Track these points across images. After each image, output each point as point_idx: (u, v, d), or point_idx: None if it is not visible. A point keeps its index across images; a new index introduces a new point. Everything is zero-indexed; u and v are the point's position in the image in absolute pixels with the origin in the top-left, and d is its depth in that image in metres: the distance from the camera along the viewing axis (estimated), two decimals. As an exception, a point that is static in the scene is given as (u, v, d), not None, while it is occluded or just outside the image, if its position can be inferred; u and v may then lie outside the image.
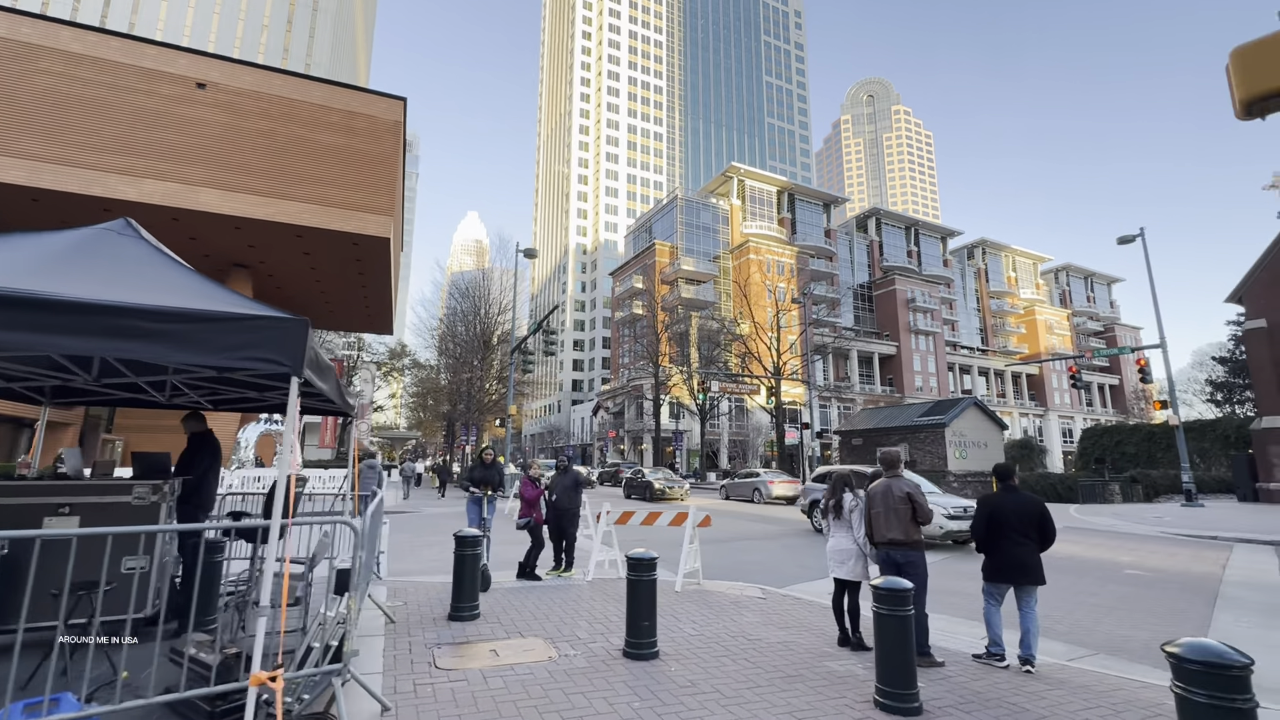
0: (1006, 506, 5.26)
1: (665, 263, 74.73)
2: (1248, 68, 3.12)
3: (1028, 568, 5.18)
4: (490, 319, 39.13)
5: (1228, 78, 3.41)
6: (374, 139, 14.64)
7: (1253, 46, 3.18)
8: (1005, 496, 5.35)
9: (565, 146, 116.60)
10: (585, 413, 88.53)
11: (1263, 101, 3.12)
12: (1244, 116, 3.26)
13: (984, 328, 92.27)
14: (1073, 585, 9.15)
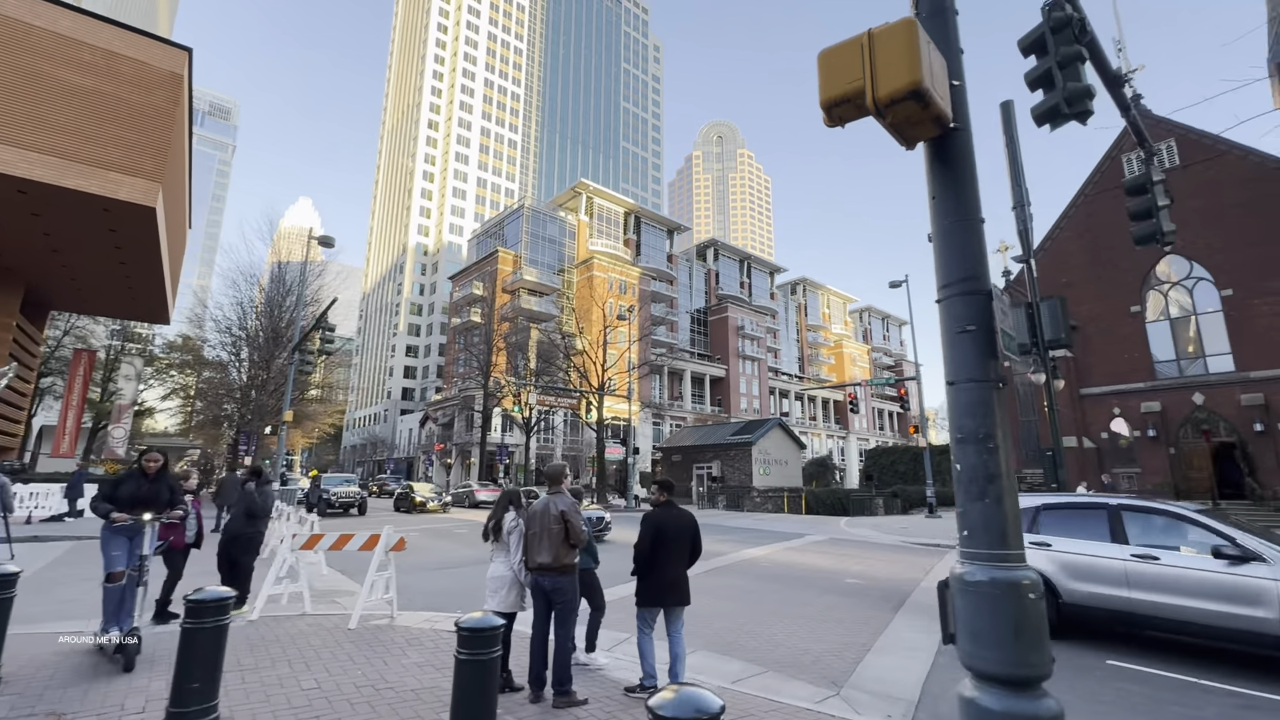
0: (669, 523, 5.01)
1: (508, 271, 72.76)
2: (829, 70, 2.98)
3: (681, 588, 4.96)
4: (285, 312, 34.46)
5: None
6: (142, 89, 11.85)
7: (835, 50, 3.06)
8: (667, 512, 5.10)
9: (411, 140, 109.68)
10: (415, 424, 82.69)
11: (839, 106, 2.99)
12: (829, 123, 3.14)
13: (801, 357, 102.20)
14: (794, 596, 9.53)
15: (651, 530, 4.96)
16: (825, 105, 3.01)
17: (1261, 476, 21.78)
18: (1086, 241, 27.06)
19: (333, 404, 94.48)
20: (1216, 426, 23.15)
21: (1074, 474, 24.73)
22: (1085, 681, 5.81)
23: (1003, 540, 2.62)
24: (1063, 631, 7.21)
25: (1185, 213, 24.65)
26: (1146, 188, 7.87)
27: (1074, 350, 26.64)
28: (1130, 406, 25.04)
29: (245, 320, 37.71)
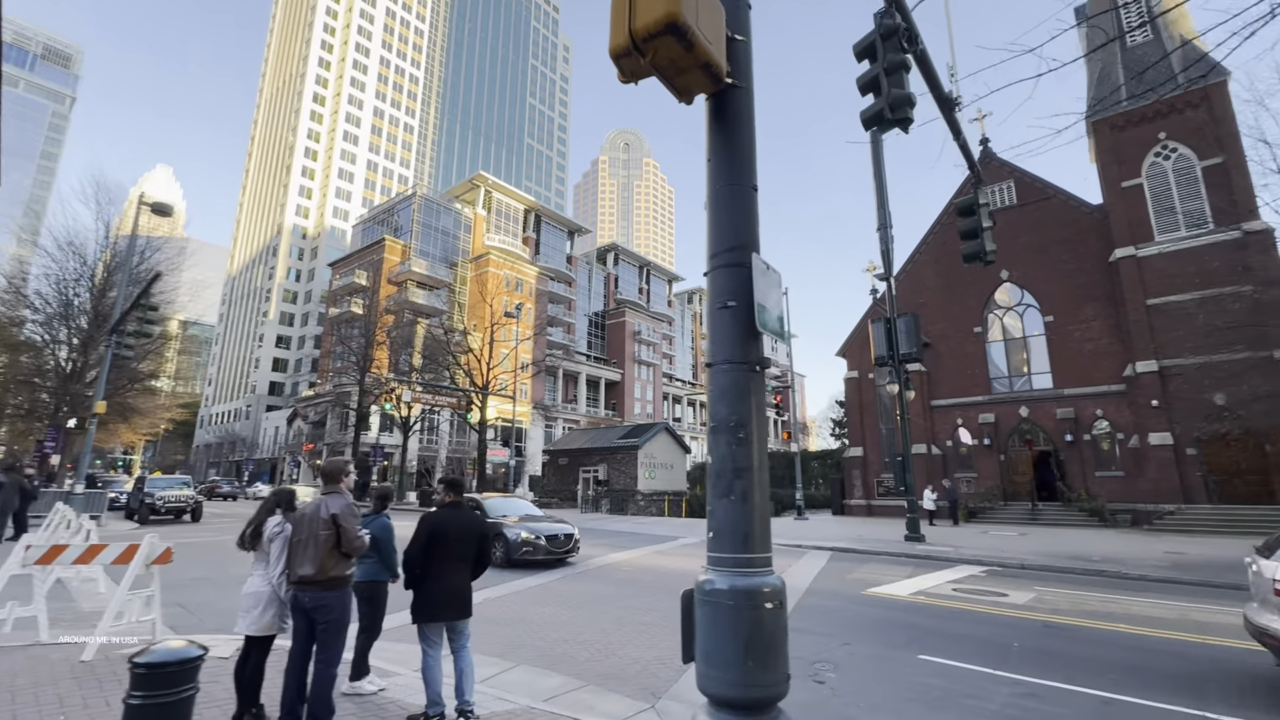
0: (451, 526, 4.47)
1: (395, 262, 68.62)
2: (614, 18, 2.55)
3: (462, 599, 4.44)
4: (103, 288, 29.81)
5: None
6: None
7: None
8: (451, 514, 4.56)
9: (293, 113, 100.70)
10: (282, 421, 75.62)
11: (624, 57, 2.56)
12: (621, 78, 2.74)
13: (695, 364, 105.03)
14: (646, 601, 9.29)
15: (427, 534, 4.39)
16: (614, 56, 2.64)
17: (1069, 481, 24.91)
18: (940, 267, 29.78)
19: (176, 396, 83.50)
20: (1037, 436, 26.23)
21: (924, 478, 26.97)
22: (893, 676, 5.94)
23: (746, 543, 2.37)
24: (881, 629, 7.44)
25: (1019, 247, 27.84)
26: (974, 209, 8.45)
27: (926, 365, 29.14)
28: (970, 417, 27.79)
29: (67, 295, 32.25)
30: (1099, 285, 25.48)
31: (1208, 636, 7.54)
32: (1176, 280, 22.72)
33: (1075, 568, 13.55)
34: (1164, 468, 22.15)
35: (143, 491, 23.24)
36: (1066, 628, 8.01)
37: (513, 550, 12.22)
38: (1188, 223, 23.18)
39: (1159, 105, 24.10)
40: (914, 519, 18.37)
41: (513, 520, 13.18)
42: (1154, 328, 23.03)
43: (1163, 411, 22.34)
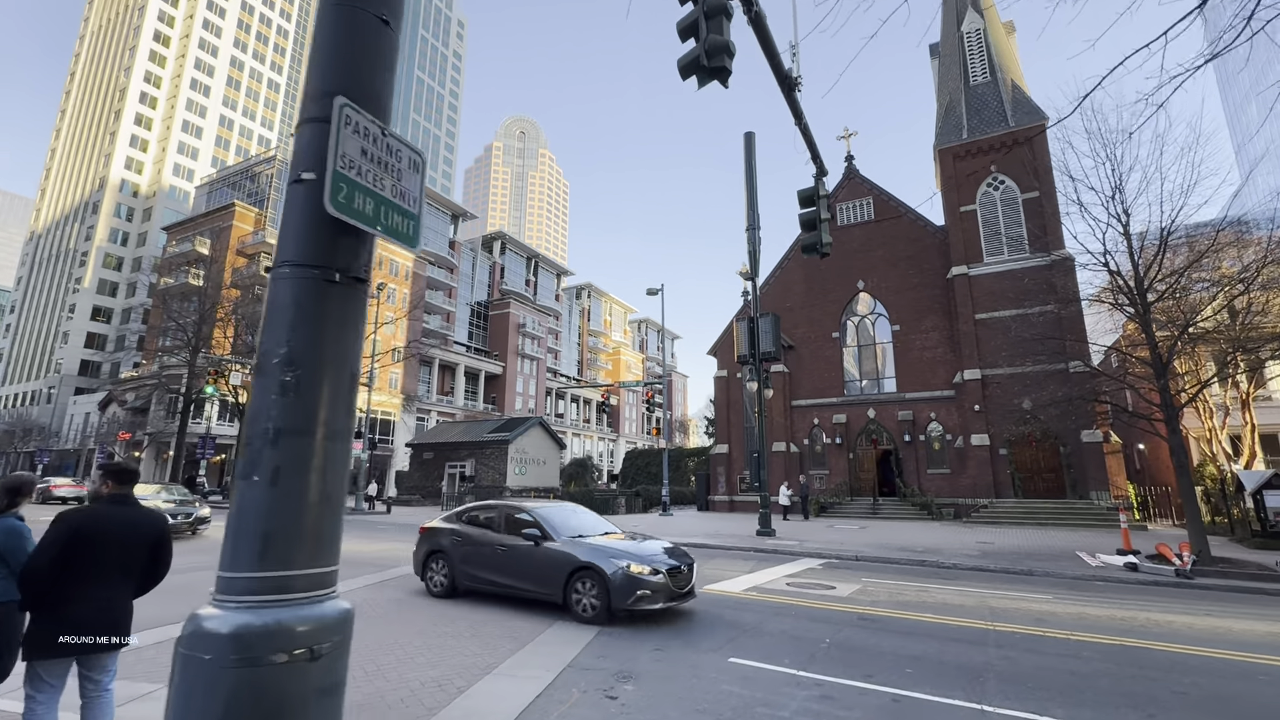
0: (109, 527, 3.29)
1: (247, 231, 61.36)
2: None
3: (120, 622, 3.28)
4: None
5: None
6: None
7: None
8: (109, 511, 3.37)
9: (128, 50, 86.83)
10: (94, 406, 65.06)
11: None
12: None
13: (581, 360, 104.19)
14: (460, 610, 8.27)
15: (65, 536, 3.17)
16: None
17: (906, 477, 27.12)
18: (806, 273, 31.33)
19: (8, 379, 68.37)
20: (882, 436, 28.33)
21: (782, 475, 28.15)
22: (694, 685, 5.48)
23: (265, 552, 1.44)
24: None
25: (875, 260, 29.93)
26: (814, 200, 8.36)
27: (789, 366, 30.50)
28: (826, 417, 29.46)
29: None
30: (938, 299, 27.98)
31: (999, 623, 7.95)
32: (999, 298, 25.44)
33: (902, 559, 14.38)
34: (981, 466, 24.70)
35: None
36: (879, 619, 8.13)
37: (616, 595, 7.43)
38: (1010, 247, 26.05)
39: (992, 141, 26.91)
40: (766, 514, 18.82)
41: (598, 541, 8.39)
42: (980, 340, 25.63)
43: (983, 415, 24.90)
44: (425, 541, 9.57)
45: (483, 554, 8.72)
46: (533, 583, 8.20)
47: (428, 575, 9.30)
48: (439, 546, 9.25)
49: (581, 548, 8.01)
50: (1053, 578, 12.41)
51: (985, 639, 7.21)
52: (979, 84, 28.21)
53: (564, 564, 7.92)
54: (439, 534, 9.42)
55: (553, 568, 8.00)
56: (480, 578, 8.69)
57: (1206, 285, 17.90)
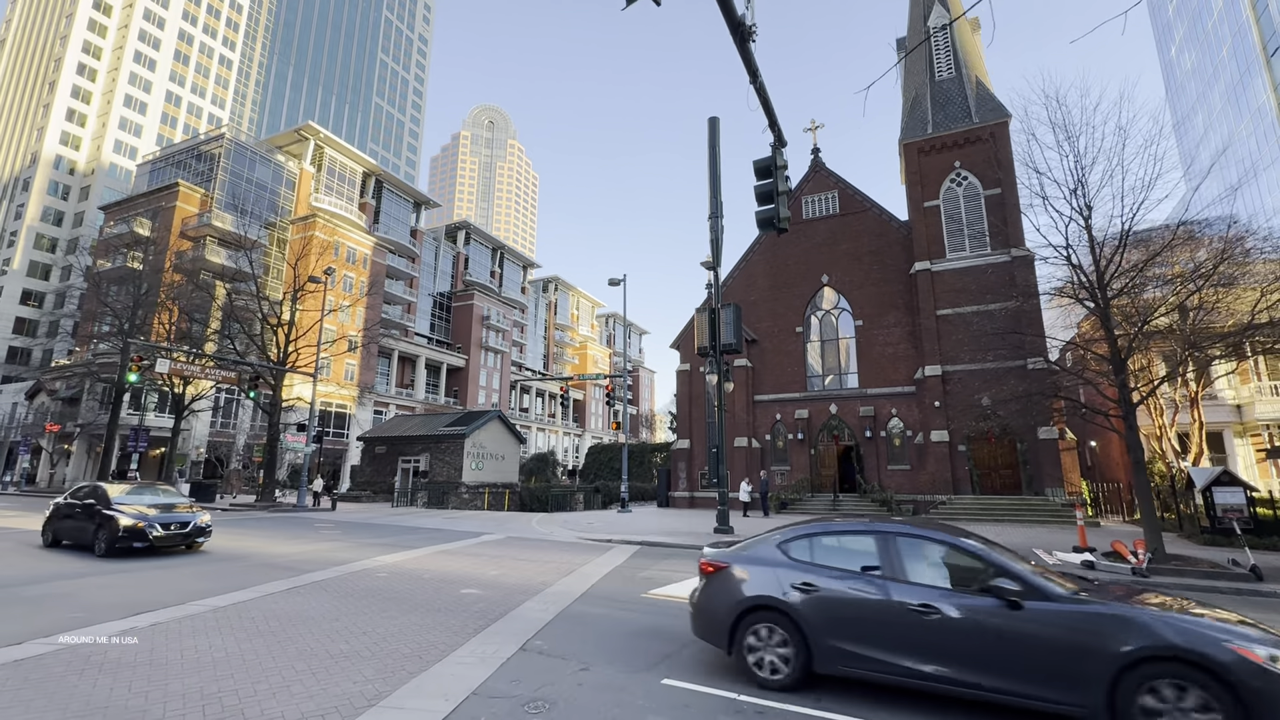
0: None
1: (192, 212, 58.30)
2: None
3: None
4: None
5: None
6: None
7: None
8: None
9: (65, 17, 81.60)
10: (21, 396, 61.01)
11: None
12: None
13: (547, 354, 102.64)
14: (363, 623, 7.33)
15: None
16: None
17: (867, 474, 26.96)
18: (771, 266, 30.91)
19: None
20: (843, 432, 28.12)
21: (744, 470, 27.70)
22: (616, 715, 4.70)
23: None
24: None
25: (839, 254, 29.68)
26: (771, 171, 7.66)
27: (753, 361, 30.07)
28: (788, 413, 29.11)
29: None
30: (901, 295, 27.87)
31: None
32: (961, 294, 25.41)
33: (859, 557, 13.90)
34: (940, 462, 24.65)
35: None
36: (832, 627, 7.49)
37: None
38: (972, 244, 26.06)
39: (956, 136, 26.85)
40: (724, 511, 18.24)
41: None
42: (941, 335, 25.57)
43: (942, 411, 24.85)
44: (730, 590, 5.76)
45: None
46: None
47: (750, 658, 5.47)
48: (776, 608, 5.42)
49: None
50: (1011, 577, 12.07)
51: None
52: (944, 79, 28.14)
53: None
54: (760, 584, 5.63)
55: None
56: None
57: (1159, 283, 17.98)
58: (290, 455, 48.32)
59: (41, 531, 13.80)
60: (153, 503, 13.28)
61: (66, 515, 13.24)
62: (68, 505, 13.38)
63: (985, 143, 26.25)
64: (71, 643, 6.15)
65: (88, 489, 13.50)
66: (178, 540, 12.61)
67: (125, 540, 11.91)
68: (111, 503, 12.54)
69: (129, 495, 13.24)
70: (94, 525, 12.33)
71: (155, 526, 12.22)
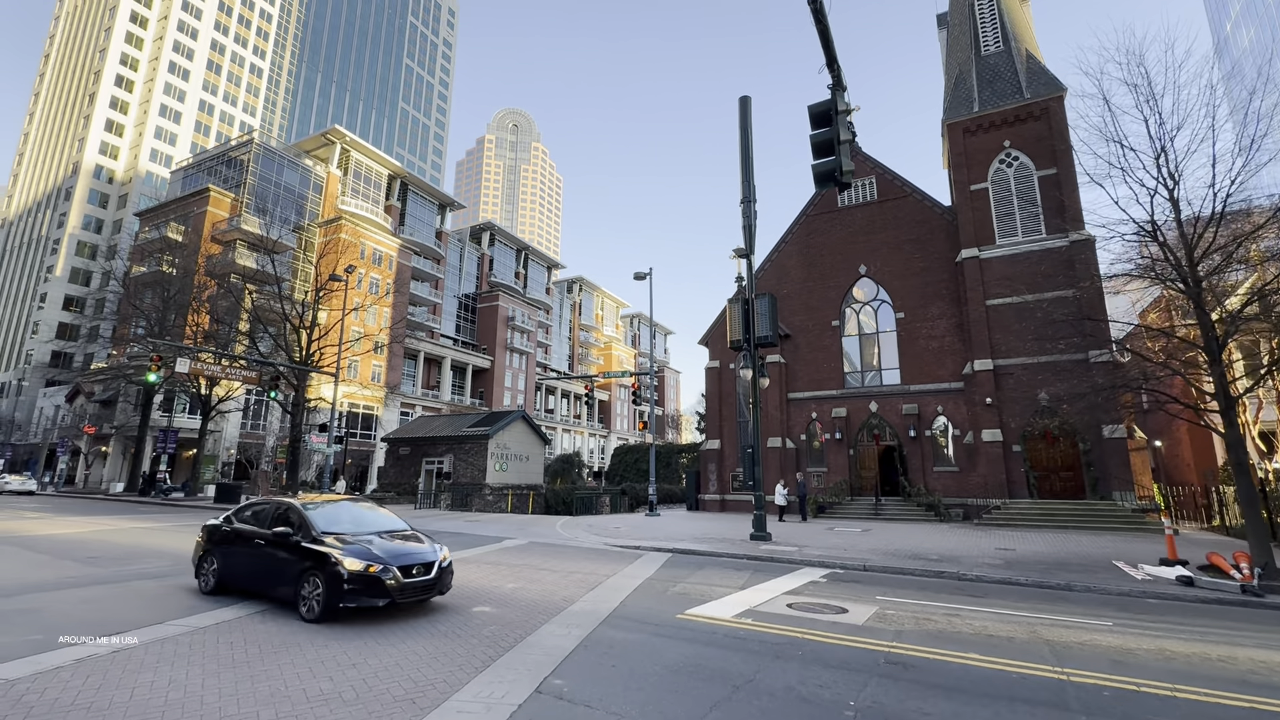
0: None
1: (222, 217, 58.97)
2: None
3: None
4: None
5: None
6: None
7: None
8: None
9: (104, 31, 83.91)
10: (63, 399, 62.58)
11: None
12: None
13: (572, 355, 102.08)
14: (353, 646, 6.29)
15: None
16: None
17: (911, 476, 25.27)
18: (804, 258, 29.42)
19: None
20: (884, 432, 26.46)
21: (778, 472, 26.25)
22: None
23: None
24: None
25: (877, 243, 28.05)
26: (830, 117, 6.42)
27: (786, 357, 28.61)
28: (824, 411, 27.57)
29: None
30: (946, 285, 26.13)
31: (1070, 669, 6.04)
32: (1013, 283, 23.60)
33: (915, 568, 12.53)
34: (993, 463, 22.88)
35: None
36: (913, 663, 6.20)
37: None
38: (1025, 228, 24.22)
39: (1005, 114, 25.03)
40: (761, 516, 16.92)
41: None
42: (992, 327, 23.79)
43: (995, 409, 23.07)
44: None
45: None
46: None
47: None
48: None
49: None
50: (1097, 594, 10.56)
51: (1064, 696, 5.30)
52: (991, 54, 26.31)
53: None
54: None
55: None
56: None
57: (1245, 266, 16.10)
58: (317, 457, 48.41)
59: (195, 566, 9.35)
60: (369, 530, 8.53)
61: (238, 544, 8.80)
62: (241, 532, 8.88)
63: (1038, 120, 24.38)
64: None
65: (271, 507, 8.88)
66: (419, 593, 7.85)
67: (355, 595, 7.27)
68: (317, 530, 7.97)
69: (319, 512, 8.58)
70: (295, 567, 7.77)
71: (392, 572, 7.50)
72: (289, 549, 7.94)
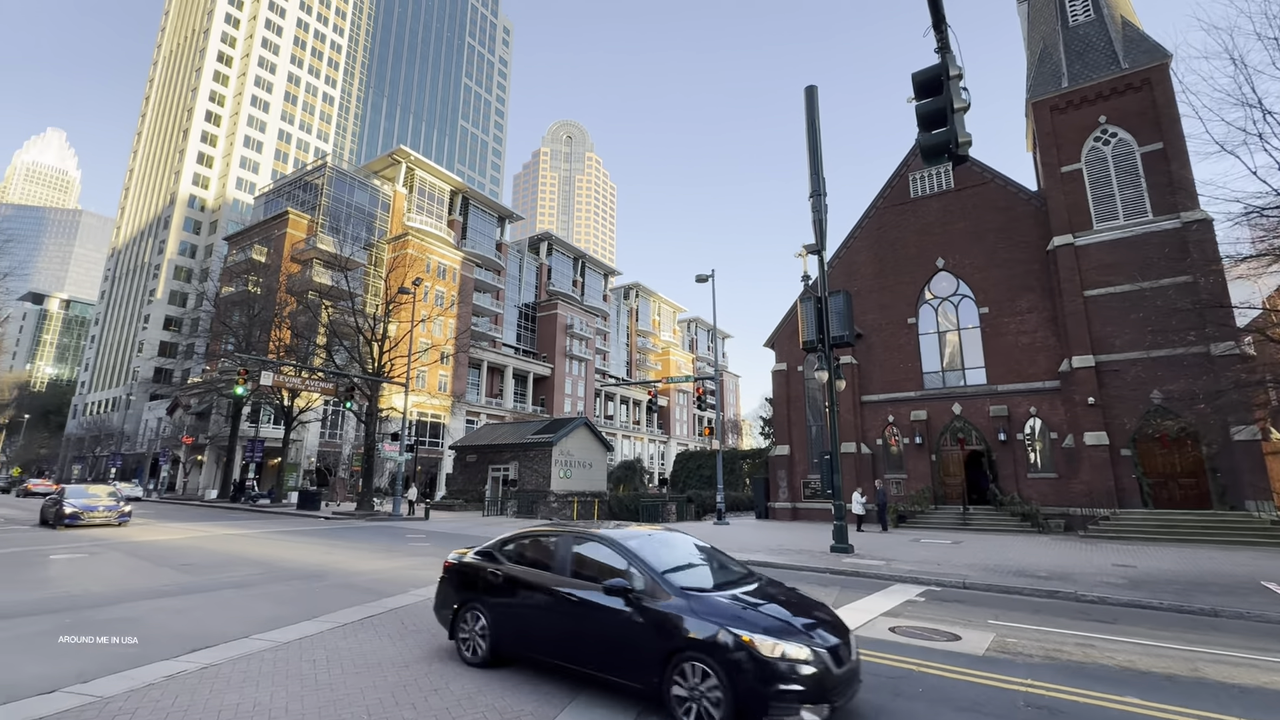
0: None
1: (300, 238, 62.34)
2: None
3: None
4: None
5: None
6: None
7: None
8: None
9: (195, 71, 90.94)
10: (164, 411, 67.63)
11: None
12: None
13: (630, 361, 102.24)
14: (428, 671, 6.00)
15: None
16: None
17: (1002, 483, 23.40)
18: (875, 253, 27.96)
19: (93, 385, 71.58)
20: (970, 435, 24.66)
21: (852, 479, 24.93)
22: None
23: None
24: None
25: (954, 234, 26.32)
26: (940, 82, 5.69)
27: (858, 357, 27.23)
28: (902, 414, 26.00)
29: None
30: (1036, 276, 24.15)
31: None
32: (1115, 271, 21.51)
33: (1023, 587, 11.32)
34: (1098, 469, 20.82)
35: None
36: (1061, 708, 5.32)
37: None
38: (1127, 211, 22.05)
39: (1100, 87, 22.94)
40: (842, 527, 15.92)
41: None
42: (1091, 320, 21.74)
43: (1098, 409, 21.02)
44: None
45: None
46: None
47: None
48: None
49: None
50: (1253, 622, 9.13)
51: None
52: (1080, 24, 24.22)
53: None
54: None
55: None
56: None
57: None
58: (390, 464, 50.21)
59: (450, 623, 6.56)
60: (710, 571, 5.87)
61: (522, 596, 6.04)
62: (522, 580, 6.10)
63: (1139, 91, 22.19)
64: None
65: (563, 541, 6.14)
66: (849, 688, 4.90)
67: (783, 702, 4.38)
68: (671, 584, 5.19)
69: (645, 547, 5.72)
70: (651, 645, 4.97)
71: (822, 657, 4.60)
72: (631, 613, 5.08)
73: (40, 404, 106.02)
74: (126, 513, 21.01)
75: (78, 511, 19.81)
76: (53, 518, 20.26)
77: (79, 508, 19.90)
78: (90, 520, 19.94)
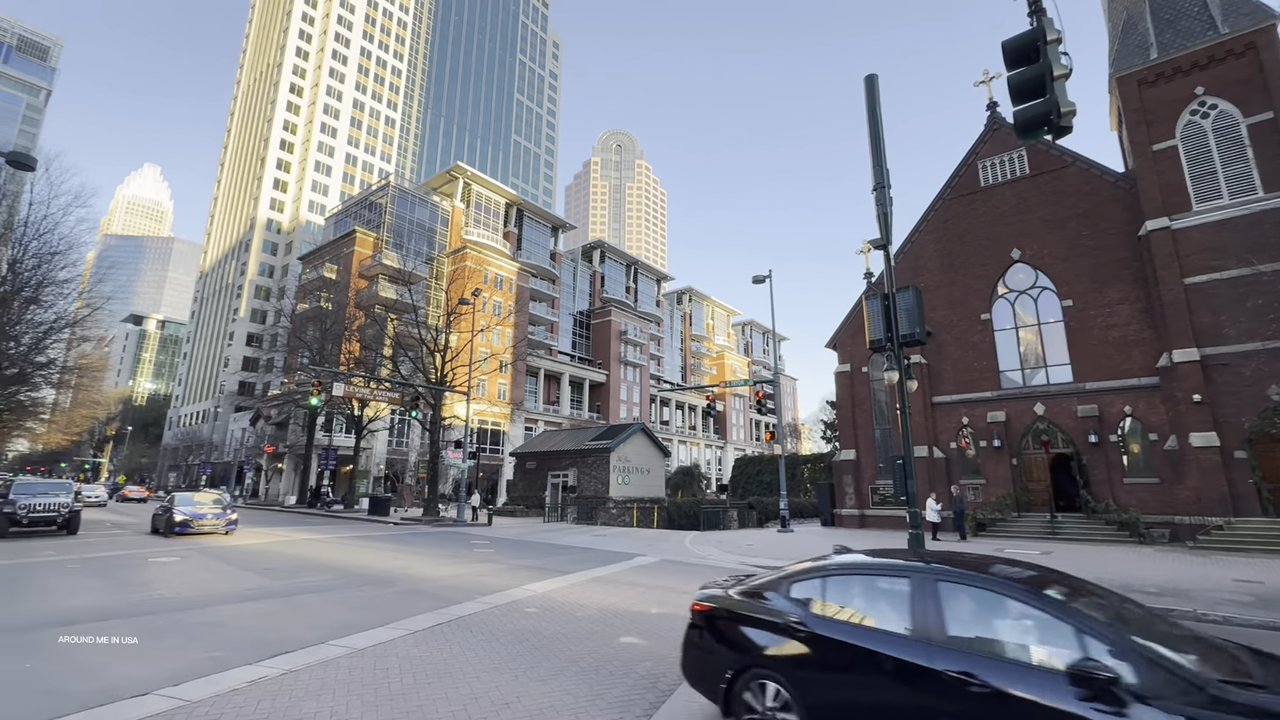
0: None
1: (367, 255, 65.30)
2: None
3: None
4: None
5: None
6: None
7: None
8: None
9: (269, 103, 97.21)
10: (248, 422, 72.11)
11: None
12: None
13: (684, 366, 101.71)
14: (488, 687, 5.86)
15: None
16: None
17: (1094, 489, 21.62)
18: (942, 247, 26.57)
19: (186, 399, 77.76)
20: (1055, 437, 22.96)
21: (924, 484, 23.68)
22: None
23: None
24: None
25: (1032, 222, 24.69)
26: (1036, 49, 5.15)
27: (927, 357, 25.90)
28: (977, 416, 24.50)
29: None
30: (1126, 264, 22.29)
31: None
32: (1220, 255, 19.56)
33: (1134, 605, 10.23)
34: (1208, 473, 18.90)
35: (4, 499, 19.65)
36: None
37: None
38: (1231, 189, 20.03)
39: (1195, 56, 21.00)
40: (917, 535, 14.91)
41: None
42: (1193, 310, 19.84)
43: (1206, 408, 19.11)
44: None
45: None
46: None
47: None
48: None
49: None
50: None
51: None
52: (1170, -12, 22.31)
53: None
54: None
55: None
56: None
57: None
58: (453, 471, 51.68)
59: (724, 695, 4.59)
60: None
61: (859, 675, 3.98)
62: (857, 652, 3.99)
63: (1241, 57, 20.18)
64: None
65: (919, 579, 4.09)
66: None
67: None
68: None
69: (1053, 589, 3.83)
70: None
71: None
72: None
73: (141, 417, 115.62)
74: (233, 520, 21.17)
75: (187, 519, 19.75)
76: (163, 526, 20.24)
77: (188, 515, 19.94)
78: (199, 528, 19.95)
